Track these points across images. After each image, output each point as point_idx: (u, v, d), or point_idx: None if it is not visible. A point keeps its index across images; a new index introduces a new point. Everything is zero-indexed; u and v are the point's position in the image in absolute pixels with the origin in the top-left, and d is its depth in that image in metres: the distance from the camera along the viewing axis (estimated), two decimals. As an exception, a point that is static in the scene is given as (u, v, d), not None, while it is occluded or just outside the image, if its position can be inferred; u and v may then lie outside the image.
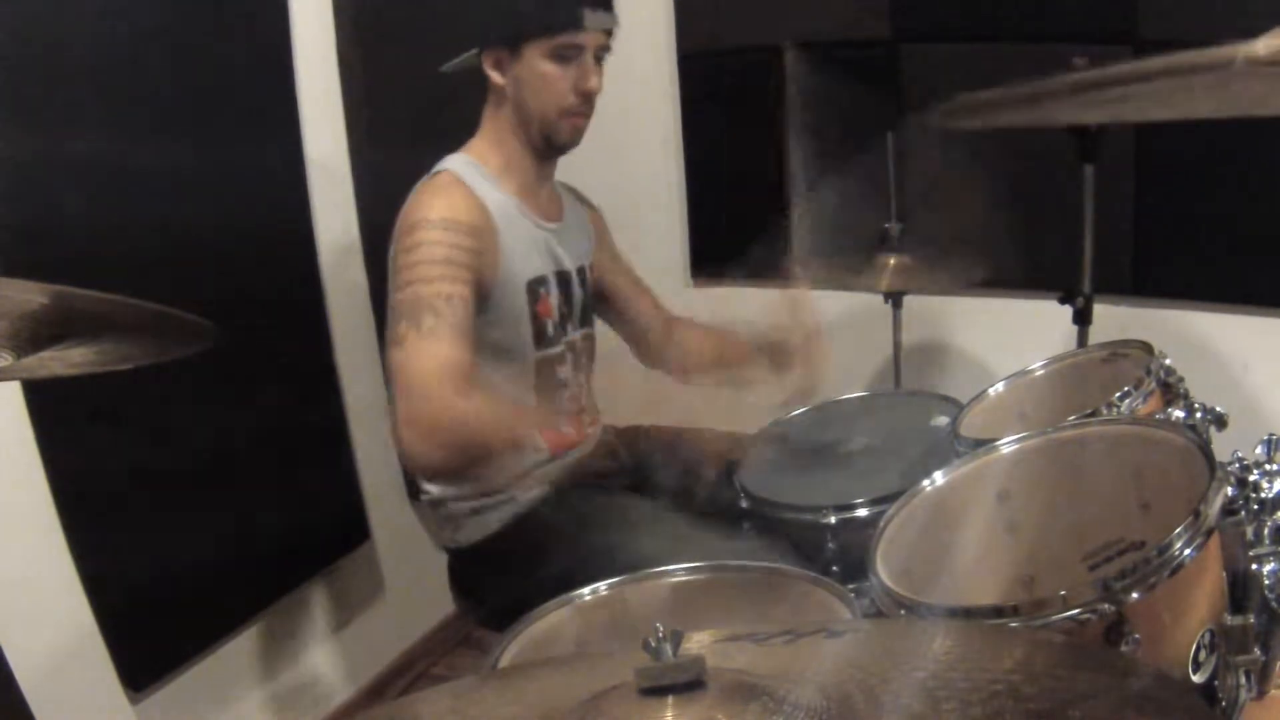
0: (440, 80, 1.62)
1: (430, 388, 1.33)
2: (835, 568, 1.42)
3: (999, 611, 0.87)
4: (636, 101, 2.46)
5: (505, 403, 1.49)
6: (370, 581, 2.29)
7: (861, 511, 1.43)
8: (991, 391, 1.50)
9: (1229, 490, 0.90)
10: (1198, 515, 0.84)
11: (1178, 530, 0.83)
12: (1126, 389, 1.23)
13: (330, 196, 2.08)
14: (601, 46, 1.54)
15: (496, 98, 1.57)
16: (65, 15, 1.54)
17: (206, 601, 1.82)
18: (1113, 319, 1.81)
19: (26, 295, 0.79)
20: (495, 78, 1.53)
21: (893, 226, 1.95)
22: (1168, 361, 1.31)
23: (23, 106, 1.50)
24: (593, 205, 1.84)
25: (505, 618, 1.14)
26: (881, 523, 1.10)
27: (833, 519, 1.44)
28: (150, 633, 1.72)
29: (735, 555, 1.37)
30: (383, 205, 1.58)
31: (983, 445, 1.19)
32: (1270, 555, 0.90)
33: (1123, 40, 1.96)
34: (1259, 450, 0.97)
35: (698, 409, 1.62)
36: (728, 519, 1.60)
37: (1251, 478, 0.93)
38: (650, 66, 2.48)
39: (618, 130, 2.14)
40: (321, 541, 2.10)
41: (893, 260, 1.95)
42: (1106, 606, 0.82)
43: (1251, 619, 0.85)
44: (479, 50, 1.53)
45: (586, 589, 1.15)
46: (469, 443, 1.37)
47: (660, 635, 0.61)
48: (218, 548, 1.77)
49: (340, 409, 2.14)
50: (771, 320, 1.55)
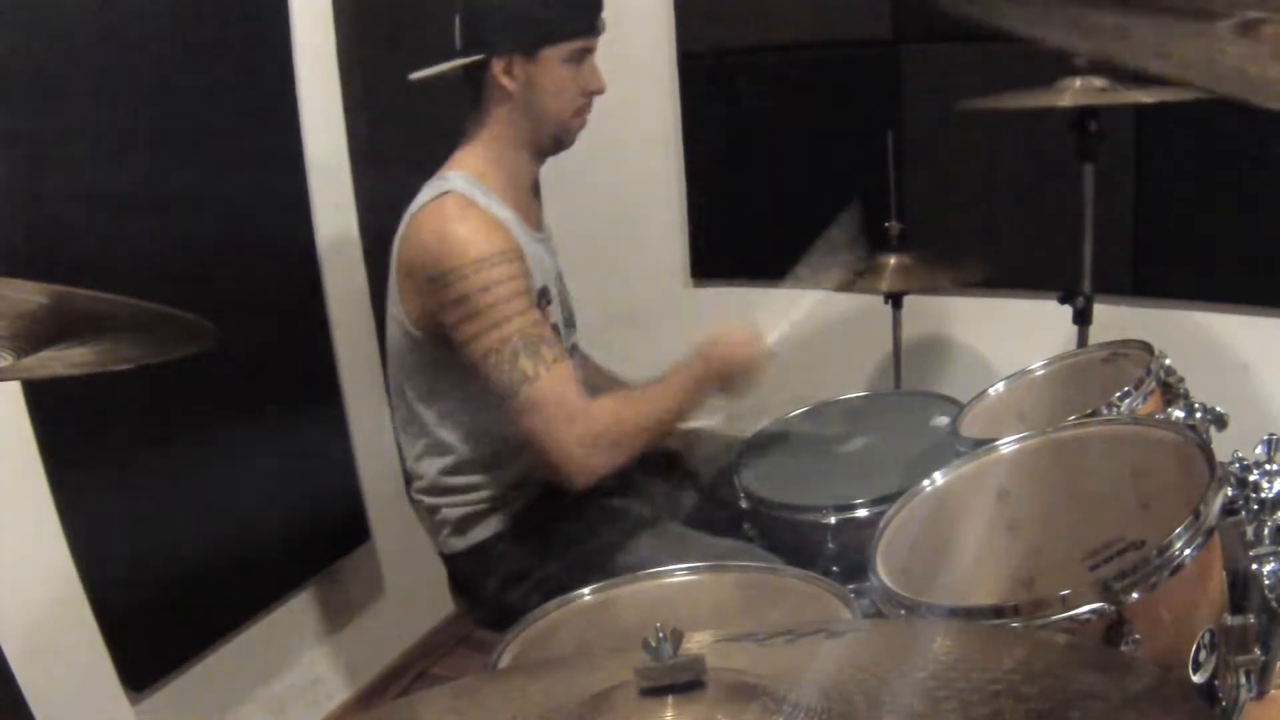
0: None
1: (583, 406, 1.44)
2: (835, 568, 1.42)
3: (999, 612, 0.86)
4: (636, 101, 2.46)
5: (631, 392, 1.60)
6: (370, 582, 2.29)
7: (861, 512, 1.43)
8: (991, 391, 1.50)
9: (1229, 490, 0.90)
10: (1198, 515, 0.84)
11: (1178, 530, 0.83)
12: (1126, 389, 1.23)
13: (330, 196, 2.08)
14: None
15: (499, 103, 1.54)
16: (66, 16, 1.54)
17: (206, 601, 1.82)
18: (1113, 319, 1.82)
19: (26, 295, 0.79)
20: (506, 83, 1.51)
21: (893, 226, 1.95)
22: (1168, 361, 1.31)
23: (23, 107, 1.50)
24: None
25: (505, 618, 1.15)
26: (881, 523, 1.09)
27: (832, 519, 1.44)
28: (150, 633, 1.72)
29: (734, 556, 1.37)
30: (383, 205, 1.57)
31: (983, 445, 1.19)
32: (1270, 555, 0.90)
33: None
34: (1259, 450, 0.97)
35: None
36: (727, 519, 1.60)
37: (1251, 478, 0.93)
38: (650, 66, 2.48)
39: (618, 130, 2.14)
40: (321, 541, 2.10)
41: (893, 260, 1.95)
42: (1106, 606, 0.82)
43: (1251, 619, 0.85)
44: (489, 56, 1.50)
45: (586, 589, 1.15)
46: (634, 437, 1.47)
47: (660, 635, 0.61)
48: (218, 548, 1.77)
49: (340, 409, 2.14)
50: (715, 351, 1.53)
